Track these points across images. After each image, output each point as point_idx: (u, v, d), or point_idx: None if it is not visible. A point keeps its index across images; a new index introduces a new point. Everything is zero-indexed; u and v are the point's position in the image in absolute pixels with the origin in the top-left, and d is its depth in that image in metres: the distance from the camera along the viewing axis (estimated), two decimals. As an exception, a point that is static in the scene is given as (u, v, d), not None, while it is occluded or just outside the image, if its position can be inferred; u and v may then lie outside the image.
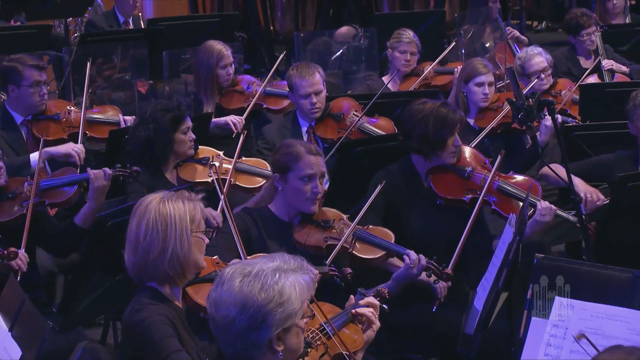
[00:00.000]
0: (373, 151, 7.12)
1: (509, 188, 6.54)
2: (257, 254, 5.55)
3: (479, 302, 5.41)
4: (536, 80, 8.84)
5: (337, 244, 5.99)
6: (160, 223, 4.82)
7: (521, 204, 6.37)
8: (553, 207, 6.37)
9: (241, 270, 3.85)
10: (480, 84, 8.30)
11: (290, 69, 8.29)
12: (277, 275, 3.83)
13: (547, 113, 7.89)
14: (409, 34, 9.69)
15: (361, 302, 4.91)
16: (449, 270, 6.00)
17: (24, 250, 6.12)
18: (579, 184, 6.71)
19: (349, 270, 5.79)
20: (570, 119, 8.38)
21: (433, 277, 6.03)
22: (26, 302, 4.72)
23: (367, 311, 4.85)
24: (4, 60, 8.13)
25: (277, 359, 3.87)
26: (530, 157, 7.78)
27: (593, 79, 9.55)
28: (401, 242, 6.29)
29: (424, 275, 6.05)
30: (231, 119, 8.61)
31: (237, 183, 7.14)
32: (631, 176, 6.30)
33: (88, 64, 8.56)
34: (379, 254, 6.10)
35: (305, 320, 3.98)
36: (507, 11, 15.43)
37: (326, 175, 6.38)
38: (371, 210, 6.34)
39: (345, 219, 6.21)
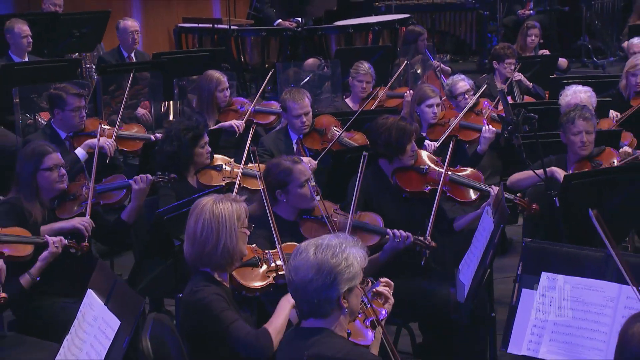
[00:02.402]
0: (358, 158, 7.15)
1: (459, 178, 6.68)
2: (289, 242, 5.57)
3: (464, 277, 5.44)
4: (462, 99, 8.89)
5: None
6: (214, 222, 4.86)
7: (468, 189, 6.65)
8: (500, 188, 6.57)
9: (314, 243, 4.01)
10: (430, 105, 8.36)
11: (284, 94, 8.27)
12: (343, 246, 3.98)
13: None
14: (365, 66, 9.69)
15: (381, 281, 4.87)
16: (433, 243, 6.08)
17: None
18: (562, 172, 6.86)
19: None
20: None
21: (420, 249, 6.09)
22: (118, 280, 4.66)
23: (384, 290, 4.82)
24: (51, 88, 8.07)
25: (343, 312, 4.00)
26: (471, 162, 7.85)
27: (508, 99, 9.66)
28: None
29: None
30: (234, 122, 8.62)
31: (244, 185, 7.13)
32: (575, 175, 6.35)
33: (127, 88, 8.54)
34: (375, 239, 6.10)
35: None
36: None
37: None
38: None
39: (338, 208, 6.21)
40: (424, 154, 6.87)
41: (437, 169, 6.69)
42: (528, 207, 6.51)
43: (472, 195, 6.67)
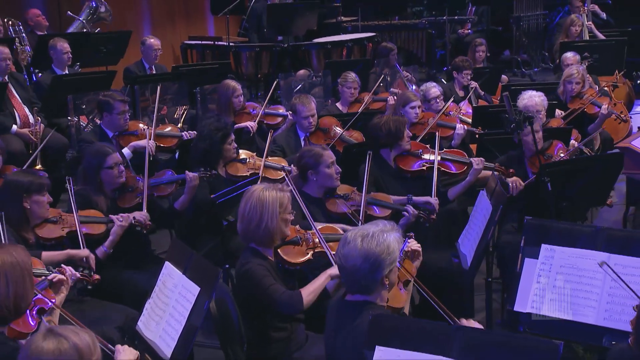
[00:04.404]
0: (363, 151, 7.19)
1: (448, 156, 6.97)
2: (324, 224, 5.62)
3: (465, 249, 5.50)
4: (434, 103, 8.90)
5: (359, 209, 6.10)
6: (259, 205, 4.95)
7: (456, 163, 6.88)
8: (482, 159, 6.81)
9: (360, 233, 3.97)
10: (413, 107, 8.40)
11: (294, 99, 8.27)
12: (385, 235, 3.96)
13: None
14: (352, 75, 9.69)
15: (410, 241, 4.88)
16: (433, 216, 6.24)
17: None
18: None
19: None
20: (475, 128, 8.46)
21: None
22: (194, 254, 4.63)
23: (418, 246, 4.88)
24: (99, 95, 8.02)
25: (385, 288, 4.02)
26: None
27: (465, 104, 9.66)
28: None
29: None
30: (248, 123, 8.59)
31: (265, 175, 7.11)
32: (550, 164, 6.40)
33: (157, 96, 8.46)
34: (387, 213, 6.20)
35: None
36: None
37: None
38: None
39: (355, 190, 6.30)
40: (416, 143, 7.10)
41: (429, 151, 6.93)
42: (506, 171, 6.68)
43: (460, 167, 6.92)
